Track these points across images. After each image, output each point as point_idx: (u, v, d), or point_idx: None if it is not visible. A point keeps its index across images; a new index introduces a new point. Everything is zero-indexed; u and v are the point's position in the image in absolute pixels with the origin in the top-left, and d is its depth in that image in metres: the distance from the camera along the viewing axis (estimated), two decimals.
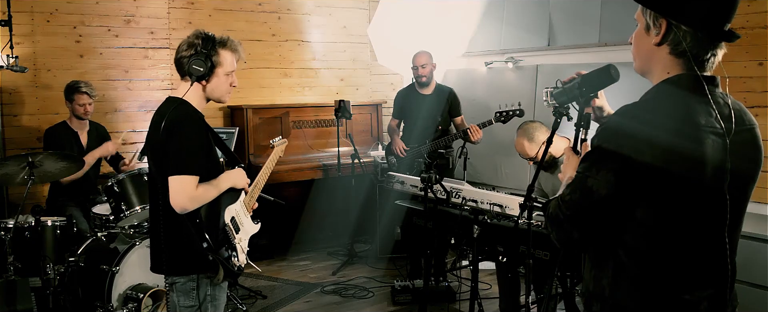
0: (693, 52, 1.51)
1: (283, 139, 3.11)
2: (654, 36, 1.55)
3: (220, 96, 2.63)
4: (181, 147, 2.40)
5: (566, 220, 1.55)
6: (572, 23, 5.38)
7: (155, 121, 2.51)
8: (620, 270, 1.55)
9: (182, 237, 2.47)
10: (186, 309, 2.54)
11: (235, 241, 2.58)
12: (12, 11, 4.67)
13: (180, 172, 2.38)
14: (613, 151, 1.47)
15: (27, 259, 3.93)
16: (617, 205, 1.49)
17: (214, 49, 2.51)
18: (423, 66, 5.19)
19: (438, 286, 4.60)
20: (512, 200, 3.34)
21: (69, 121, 4.69)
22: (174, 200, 2.38)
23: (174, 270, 2.54)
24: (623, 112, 1.53)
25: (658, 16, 1.53)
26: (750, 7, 3.96)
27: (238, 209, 2.67)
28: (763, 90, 3.94)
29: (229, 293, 4.48)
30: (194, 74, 2.48)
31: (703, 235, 1.53)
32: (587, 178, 1.51)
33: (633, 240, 1.52)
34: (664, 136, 1.45)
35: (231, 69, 2.59)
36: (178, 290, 2.54)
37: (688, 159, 1.45)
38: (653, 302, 1.53)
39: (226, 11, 5.98)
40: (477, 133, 4.91)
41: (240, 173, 2.68)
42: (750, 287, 3.54)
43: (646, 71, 1.61)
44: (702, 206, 1.50)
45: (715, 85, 1.55)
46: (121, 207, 4.01)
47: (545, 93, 1.88)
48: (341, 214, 5.99)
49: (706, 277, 1.55)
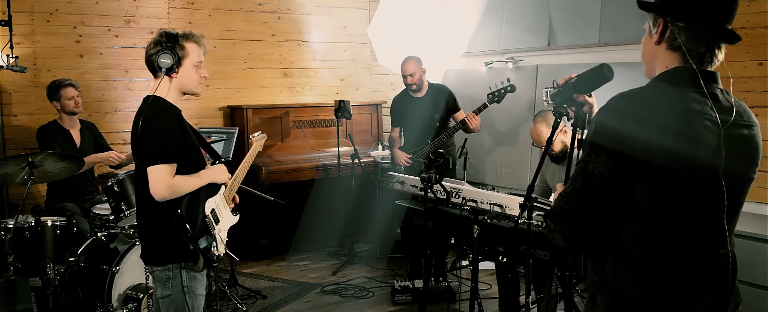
0: (687, 45, 1.55)
1: (262, 134, 3.26)
2: (654, 36, 1.61)
3: (192, 87, 2.73)
4: (155, 138, 2.55)
5: (570, 209, 1.57)
6: (572, 23, 5.38)
7: (135, 120, 2.65)
8: (622, 255, 1.56)
9: (160, 228, 2.61)
10: (162, 300, 2.67)
11: (214, 231, 2.71)
12: (12, 11, 4.67)
13: (155, 161, 2.52)
14: (609, 136, 1.51)
15: (27, 259, 3.92)
16: (618, 186, 1.51)
17: (179, 43, 2.65)
18: (411, 75, 5.12)
19: (438, 286, 4.60)
20: (512, 200, 3.34)
21: (60, 121, 4.66)
22: (152, 189, 2.52)
23: (152, 260, 2.69)
24: (617, 99, 1.56)
25: (657, 17, 1.60)
26: (750, 7, 3.96)
27: (218, 201, 2.81)
28: (763, 90, 3.94)
29: (229, 293, 4.49)
30: (163, 67, 2.61)
31: (701, 220, 1.55)
32: (587, 164, 1.54)
33: (633, 224, 1.54)
34: (657, 120, 1.48)
35: (198, 60, 2.71)
36: (155, 280, 2.69)
37: (681, 141, 1.48)
38: (654, 289, 1.54)
39: (226, 11, 5.98)
40: (474, 120, 4.89)
41: (221, 169, 2.82)
42: (750, 287, 3.54)
43: (651, 72, 1.65)
44: (698, 190, 1.52)
45: (714, 81, 1.58)
46: (121, 207, 4.01)
47: (545, 93, 1.90)
48: (341, 214, 5.99)
49: (707, 264, 1.56)
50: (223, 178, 2.82)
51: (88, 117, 4.95)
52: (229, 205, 2.91)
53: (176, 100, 2.70)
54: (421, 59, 5.19)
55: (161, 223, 2.59)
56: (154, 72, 2.70)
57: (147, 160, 2.54)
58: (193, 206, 2.63)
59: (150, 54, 2.64)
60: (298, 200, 5.87)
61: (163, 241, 2.63)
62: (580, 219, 1.56)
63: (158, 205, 2.54)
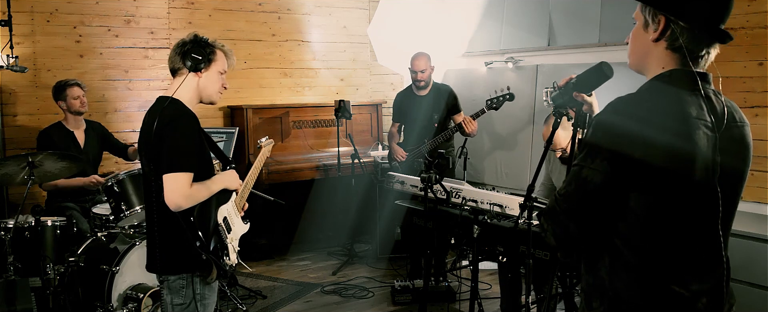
0: (689, 47, 1.54)
1: (269, 140, 3.15)
2: (652, 32, 1.58)
3: (211, 94, 2.66)
4: (175, 144, 2.42)
5: (562, 212, 1.56)
6: (572, 23, 5.38)
7: (147, 121, 2.54)
8: (617, 258, 1.56)
9: (176, 236, 2.50)
10: (177, 307, 2.58)
11: (227, 240, 2.61)
12: (12, 11, 4.67)
13: (174, 169, 2.40)
14: (606, 141, 1.50)
15: (27, 259, 3.92)
16: (612, 194, 1.51)
17: (211, 46, 2.62)
18: (422, 71, 5.16)
19: (438, 286, 4.60)
20: (512, 200, 3.34)
21: (65, 122, 4.65)
22: (169, 198, 2.39)
23: (167, 269, 2.57)
24: (615, 104, 1.55)
25: (656, 13, 1.56)
26: (750, 7, 3.96)
27: (230, 209, 2.71)
28: (763, 90, 3.94)
29: (229, 293, 4.49)
30: (192, 63, 2.54)
31: (696, 227, 1.54)
32: (582, 168, 1.53)
33: (628, 230, 1.53)
34: (655, 127, 1.47)
35: (223, 69, 2.66)
36: (169, 288, 2.58)
37: (679, 149, 1.47)
38: (652, 294, 1.54)
39: (226, 11, 5.98)
40: (471, 125, 4.90)
41: (233, 175, 2.72)
42: (750, 287, 3.53)
43: (642, 67, 1.63)
44: (694, 197, 1.52)
45: (707, 82, 1.57)
46: (121, 207, 4.00)
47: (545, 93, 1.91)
48: (341, 214, 5.99)
49: (702, 269, 1.56)
50: (235, 184, 2.71)
51: (87, 117, 4.94)
52: (239, 213, 2.81)
53: (192, 104, 2.60)
54: (430, 56, 5.22)
55: (173, 232, 2.49)
56: (175, 71, 2.61)
57: (164, 166, 2.41)
58: (206, 214, 2.53)
59: (179, 51, 2.57)
60: (298, 200, 5.87)
61: (175, 251, 2.53)
62: (571, 222, 1.56)
63: (170, 212, 2.43)
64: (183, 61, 2.57)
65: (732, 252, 1.65)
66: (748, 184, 1.67)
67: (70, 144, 4.60)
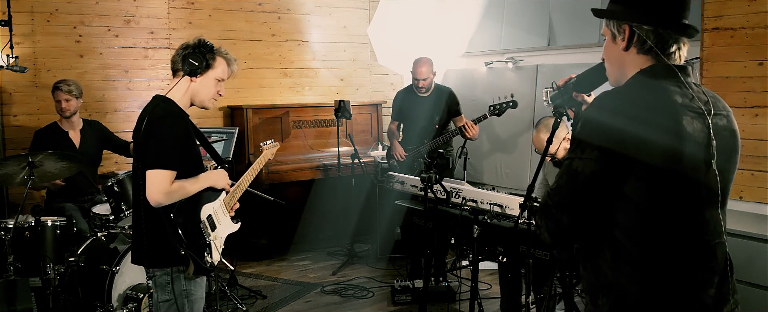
0: (658, 46, 1.59)
1: (274, 143, 3.17)
2: (620, 42, 1.63)
3: (203, 100, 2.69)
4: (159, 142, 2.49)
5: (554, 205, 1.58)
6: (572, 23, 5.38)
7: (140, 117, 2.60)
8: (619, 251, 1.56)
9: (160, 231, 2.56)
10: (162, 303, 2.63)
11: (209, 238, 2.66)
12: (12, 11, 4.67)
13: (156, 166, 2.47)
14: (595, 133, 1.52)
15: (27, 259, 3.92)
16: (604, 183, 1.53)
17: (212, 53, 2.65)
18: (424, 79, 5.14)
19: (438, 286, 4.60)
20: (512, 200, 3.34)
21: (59, 122, 4.66)
22: (149, 194, 2.48)
23: (152, 262, 2.64)
24: (601, 98, 1.58)
25: (620, 23, 1.62)
26: (750, 7, 3.96)
27: (217, 208, 2.75)
28: (763, 90, 3.94)
29: (229, 293, 4.49)
30: (188, 67, 2.58)
31: (695, 212, 1.56)
32: (572, 161, 1.55)
33: (627, 220, 1.54)
34: (642, 117, 1.50)
35: (222, 77, 2.70)
36: (155, 285, 2.64)
37: (667, 136, 1.50)
38: (656, 285, 1.54)
39: (226, 11, 5.98)
40: (472, 129, 4.90)
41: (221, 174, 2.76)
42: (750, 287, 3.53)
43: (622, 77, 1.66)
44: (691, 182, 1.53)
45: (687, 74, 1.61)
46: (121, 207, 4.01)
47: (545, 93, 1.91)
48: (341, 214, 5.99)
49: (705, 255, 1.56)
50: (221, 183, 2.75)
51: (87, 117, 4.94)
52: (229, 212, 2.85)
53: (184, 104, 2.66)
54: (433, 61, 5.20)
55: (155, 226, 2.56)
56: (174, 71, 2.67)
57: (148, 162, 2.49)
58: (189, 210, 2.59)
59: (180, 53, 2.63)
60: (298, 200, 5.87)
61: (158, 245, 2.58)
62: (564, 215, 1.57)
63: (154, 207, 2.51)
64: (182, 64, 2.62)
65: (732, 252, 1.65)
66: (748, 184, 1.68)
67: (64, 144, 4.56)
